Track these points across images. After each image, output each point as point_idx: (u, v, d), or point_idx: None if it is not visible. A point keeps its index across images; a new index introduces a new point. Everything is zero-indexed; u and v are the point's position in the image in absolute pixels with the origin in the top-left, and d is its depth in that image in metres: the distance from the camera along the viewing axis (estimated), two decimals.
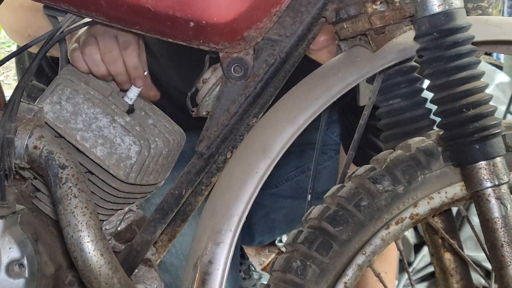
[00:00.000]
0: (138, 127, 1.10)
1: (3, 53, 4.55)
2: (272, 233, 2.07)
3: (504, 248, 1.00)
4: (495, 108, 1.01)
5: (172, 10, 1.01)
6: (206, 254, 1.04)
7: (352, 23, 1.06)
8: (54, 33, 1.08)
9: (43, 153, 1.00)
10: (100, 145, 1.08)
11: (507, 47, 1.14)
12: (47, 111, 1.08)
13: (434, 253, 1.23)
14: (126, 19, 1.04)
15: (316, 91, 1.07)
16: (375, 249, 1.04)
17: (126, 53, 1.13)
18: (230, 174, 1.07)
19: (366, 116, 1.16)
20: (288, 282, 1.02)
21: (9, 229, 1.02)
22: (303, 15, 1.06)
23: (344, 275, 1.03)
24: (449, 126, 1.01)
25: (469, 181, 1.01)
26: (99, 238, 0.99)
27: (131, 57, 1.13)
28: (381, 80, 1.14)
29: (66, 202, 0.99)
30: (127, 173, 1.09)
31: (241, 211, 1.04)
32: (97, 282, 0.99)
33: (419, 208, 1.05)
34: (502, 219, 1.00)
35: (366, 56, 1.08)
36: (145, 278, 1.12)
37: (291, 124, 1.06)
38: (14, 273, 1.02)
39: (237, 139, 1.10)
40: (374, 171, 1.04)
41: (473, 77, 1.00)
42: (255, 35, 1.05)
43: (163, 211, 1.11)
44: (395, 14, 1.04)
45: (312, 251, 1.02)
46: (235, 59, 1.06)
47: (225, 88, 1.08)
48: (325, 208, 1.04)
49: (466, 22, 1.01)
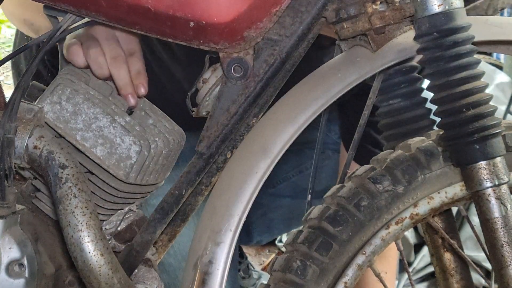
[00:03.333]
0: (138, 127, 1.10)
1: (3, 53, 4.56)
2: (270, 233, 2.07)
3: (504, 248, 1.00)
4: (495, 108, 1.01)
5: (172, 10, 1.01)
6: (206, 254, 1.04)
7: (352, 23, 1.06)
8: (54, 33, 1.08)
9: (43, 153, 1.00)
10: (100, 145, 1.08)
11: (507, 47, 1.14)
12: (47, 111, 1.08)
13: (434, 253, 1.23)
14: (126, 19, 1.04)
15: (316, 91, 1.07)
16: (375, 249, 1.04)
17: (132, 60, 1.13)
18: (230, 174, 1.07)
19: (366, 116, 1.17)
20: (288, 282, 1.02)
21: (9, 229, 1.02)
22: (303, 15, 1.06)
23: (344, 275, 1.03)
24: (449, 126, 1.01)
25: (469, 181, 1.01)
26: (99, 238, 0.99)
27: (136, 64, 1.13)
28: (381, 80, 1.15)
29: (66, 202, 0.99)
30: (127, 173, 1.09)
31: (241, 211, 1.04)
32: (97, 282, 0.99)
33: (419, 208, 1.05)
34: (502, 219, 1.00)
35: (366, 56, 1.08)
36: (145, 278, 1.12)
37: (291, 124, 1.06)
38: (14, 273, 1.02)
39: (237, 139, 1.10)
40: (374, 171, 1.04)
41: (473, 77, 1.00)
42: (255, 35, 1.05)
43: (163, 211, 1.11)
44: (395, 14, 1.04)
45: (312, 251, 1.02)
46: (235, 59, 1.06)
47: (225, 88, 1.08)
48: (325, 208, 1.04)
49: (466, 22, 1.01)
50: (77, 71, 1.13)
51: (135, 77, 1.13)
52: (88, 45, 1.12)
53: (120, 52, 1.12)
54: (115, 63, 1.11)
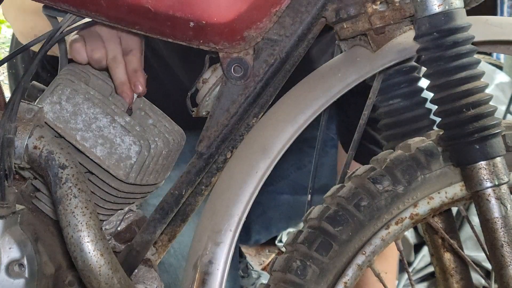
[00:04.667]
0: (138, 127, 1.10)
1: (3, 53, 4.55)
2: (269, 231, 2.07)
3: (504, 248, 1.00)
4: (495, 108, 1.01)
5: (172, 10, 1.01)
6: (206, 254, 1.04)
7: (352, 23, 1.06)
8: (54, 33, 1.08)
9: (43, 153, 1.00)
10: (100, 145, 1.08)
11: (507, 47, 1.14)
12: (47, 111, 1.08)
13: (434, 253, 1.23)
14: (126, 19, 1.04)
15: (316, 91, 1.07)
16: (375, 249, 1.04)
17: (129, 58, 1.13)
18: (230, 174, 1.07)
19: (366, 116, 1.17)
20: (288, 282, 1.02)
21: (9, 229, 1.02)
22: (303, 15, 1.06)
23: (344, 275, 1.03)
24: (449, 126, 1.01)
25: (469, 181, 1.01)
26: (99, 238, 0.99)
27: (133, 63, 1.13)
28: (381, 80, 1.15)
29: (66, 202, 0.99)
30: (127, 173, 1.09)
31: (241, 211, 1.04)
32: (97, 282, 0.99)
33: (419, 208, 1.05)
34: (502, 219, 1.00)
35: (366, 56, 1.08)
36: (145, 278, 1.12)
37: (291, 124, 1.06)
38: (14, 273, 1.02)
39: (237, 139, 1.10)
40: (374, 171, 1.04)
41: (473, 77, 1.00)
42: (255, 35, 1.05)
43: (163, 211, 1.11)
44: (395, 14, 1.04)
45: (312, 251, 1.02)
46: (235, 59, 1.06)
47: (225, 88, 1.08)
48: (325, 208, 1.04)
49: (466, 22, 1.01)
50: (77, 71, 1.13)
51: (132, 75, 1.13)
52: (91, 42, 1.12)
53: (119, 51, 1.12)
54: (113, 62, 1.12)
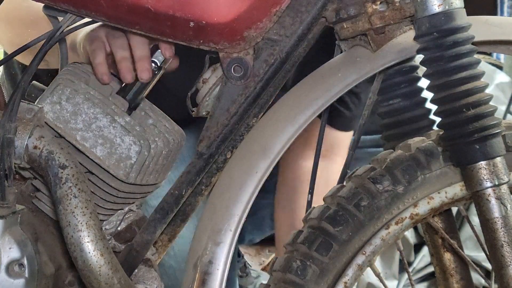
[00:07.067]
0: (138, 127, 1.10)
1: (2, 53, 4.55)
2: (262, 231, 2.06)
3: (504, 248, 1.00)
4: (495, 108, 1.01)
5: (172, 10, 1.01)
6: (206, 254, 1.04)
7: (352, 23, 1.06)
8: (54, 33, 1.08)
9: (43, 153, 1.00)
10: (100, 145, 1.08)
11: (507, 47, 1.14)
12: (47, 111, 1.08)
13: (434, 253, 1.23)
14: (126, 19, 1.04)
15: (316, 91, 1.07)
16: (375, 249, 1.04)
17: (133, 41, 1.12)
18: (230, 174, 1.07)
19: (366, 116, 1.17)
20: (288, 282, 1.02)
21: (9, 229, 1.02)
22: (303, 15, 1.06)
23: (344, 275, 1.03)
24: (449, 126, 1.01)
25: (469, 181, 1.01)
26: (99, 238, 0.99)
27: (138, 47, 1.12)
28: (381, 80, 1.15)
29: (66, 202, 0.99)
30: (127, 173, 1.09)
31: (241, 211, 1.04)
32: (97, 282, 0.99)
33: (419, 208, 1.05)
34: (502, 219, 1.00)
35: (366, 56, 1.08)
36: (145, 278, 1.12)
37: (291, 124, 1.06)
38: (14, 273, 1.02)
39: (237, 139, 1.10)
40: (374, 171, 1.04)
41: (473, 77, 1.00)
42: (255, 35, 1.05)
43: (163, 211, 1.11)
44: (395, 14, 1.04)
45: (312, 251, 1.02)
46: (235, 59, 1.06)
47: (225, 88, 1.08)
48: (325, 208, 1.04)
49: (466, 22, 1.01)
50: (77, 71, 1.13)
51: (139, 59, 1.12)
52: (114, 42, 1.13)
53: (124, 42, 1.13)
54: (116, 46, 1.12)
